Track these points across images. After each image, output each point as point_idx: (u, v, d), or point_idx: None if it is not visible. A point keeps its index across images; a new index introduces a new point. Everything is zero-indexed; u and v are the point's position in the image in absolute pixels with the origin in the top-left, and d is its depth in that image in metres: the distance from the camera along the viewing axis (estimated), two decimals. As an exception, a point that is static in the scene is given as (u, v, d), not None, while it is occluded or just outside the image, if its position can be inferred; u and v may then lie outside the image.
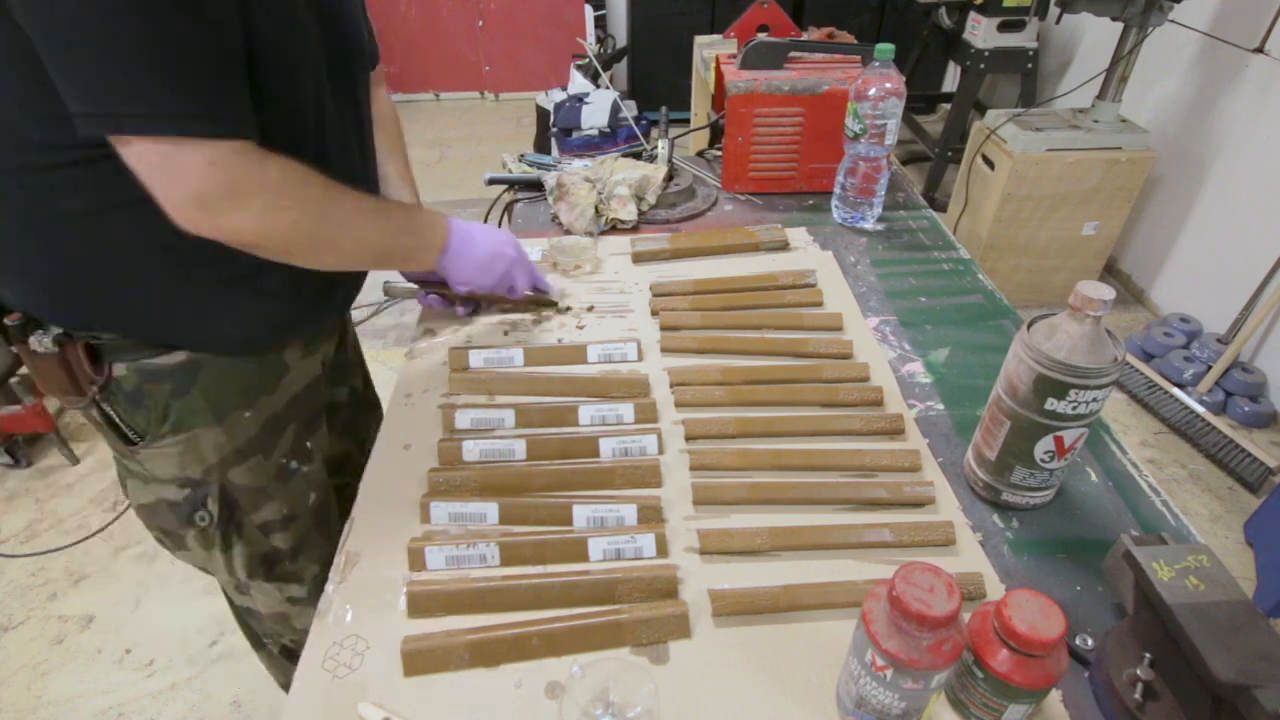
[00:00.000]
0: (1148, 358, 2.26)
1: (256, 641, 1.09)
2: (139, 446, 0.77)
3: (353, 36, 0.77)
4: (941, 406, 0.85)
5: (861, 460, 0.76)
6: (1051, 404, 0.62)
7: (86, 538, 1.74)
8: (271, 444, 0.84)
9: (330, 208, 0.68)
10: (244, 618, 1.05)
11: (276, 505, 0.87)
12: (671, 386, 0.86)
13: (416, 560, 0.66)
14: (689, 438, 0.79)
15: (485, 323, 0.97)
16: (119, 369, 0.72)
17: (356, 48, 0.78)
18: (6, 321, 0.69)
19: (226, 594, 1.01)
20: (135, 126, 0.54)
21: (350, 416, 1.06)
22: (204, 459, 0.79)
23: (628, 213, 1.16)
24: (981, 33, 2.69)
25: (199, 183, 0.58)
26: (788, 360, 0.90)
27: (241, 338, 0.77)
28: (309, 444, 0.90)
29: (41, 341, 0.69)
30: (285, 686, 1.14)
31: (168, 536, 0.86)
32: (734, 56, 1.27)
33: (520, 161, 1.34)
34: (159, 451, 0.78)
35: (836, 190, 1.20)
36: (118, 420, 0.76)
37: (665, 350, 0.92)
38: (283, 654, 1.06)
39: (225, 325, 0.74)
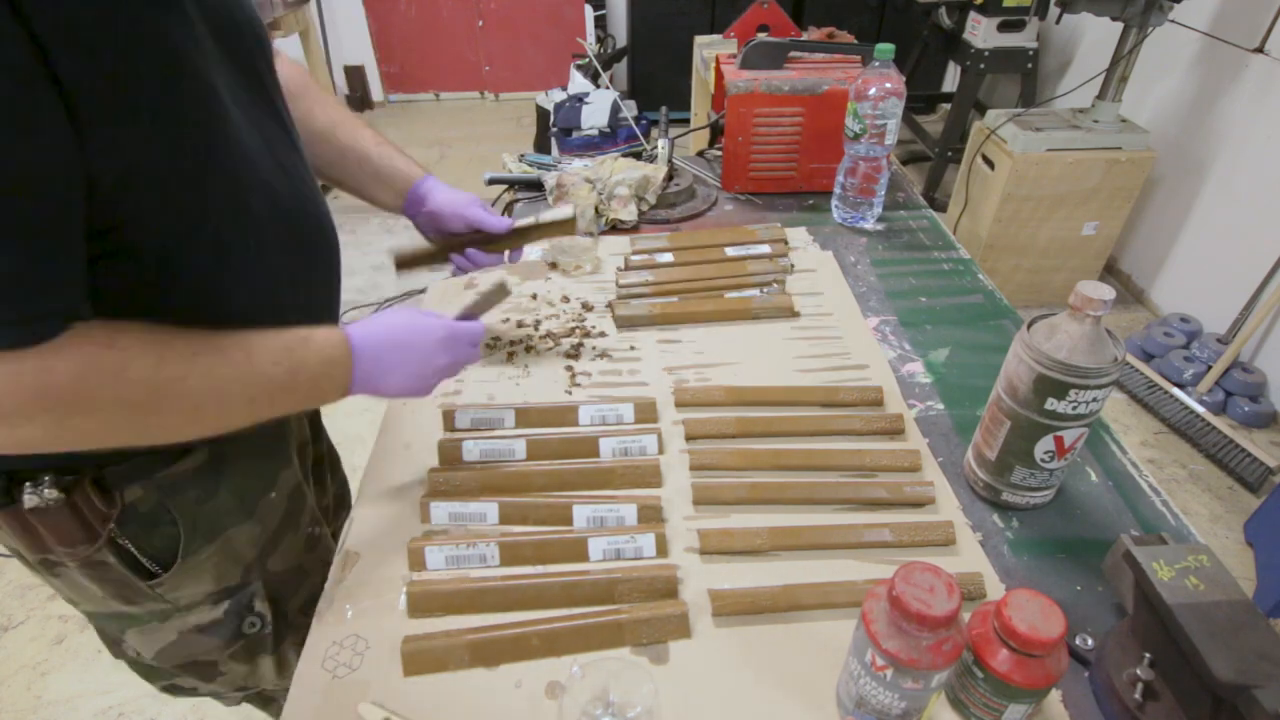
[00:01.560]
0: (1148, 358, 2.26)
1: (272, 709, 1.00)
2: (164, 575, 0.66)
3: (249, 33, 0.61)
4: (941, 406, 0.85)
5: (861, 460, 0.76)
6: (1051, 404, 0.62)
7: (86, 538, 1.74)
8: (298, 516, 0.77)
9: (166, 394, 0.51)
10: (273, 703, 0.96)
11: (312, 581, 0.79)
12: (672, 386, 0.86)
13: (416, 560, 0.66)
14: (689, 438, 0.79)
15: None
16: (133, 492, 0.61)
17: (257, 43, 0.62)
18: None
19: (253, 701, 0.91)
20: None
21: (327, 470, 0.98)
22: (242, 558, 0.71)
23: (628, 213, 1.16)
24: (981, 33, 2.69)
25: None
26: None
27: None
28: (314, 504, 0.82)
29: (42, 495, 0.57)
30: None
31: (193, 670, 0.75)
32: (734, 56, 1.27)
33: (520, 161, 1.34)
34: (189, 572, 0.68)
35: (836, 190, 1.20)
36: (138, 555, 0.64)
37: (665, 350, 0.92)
38: None
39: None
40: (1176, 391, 2.06)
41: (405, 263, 0.84)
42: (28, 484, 0.57)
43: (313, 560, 0.80)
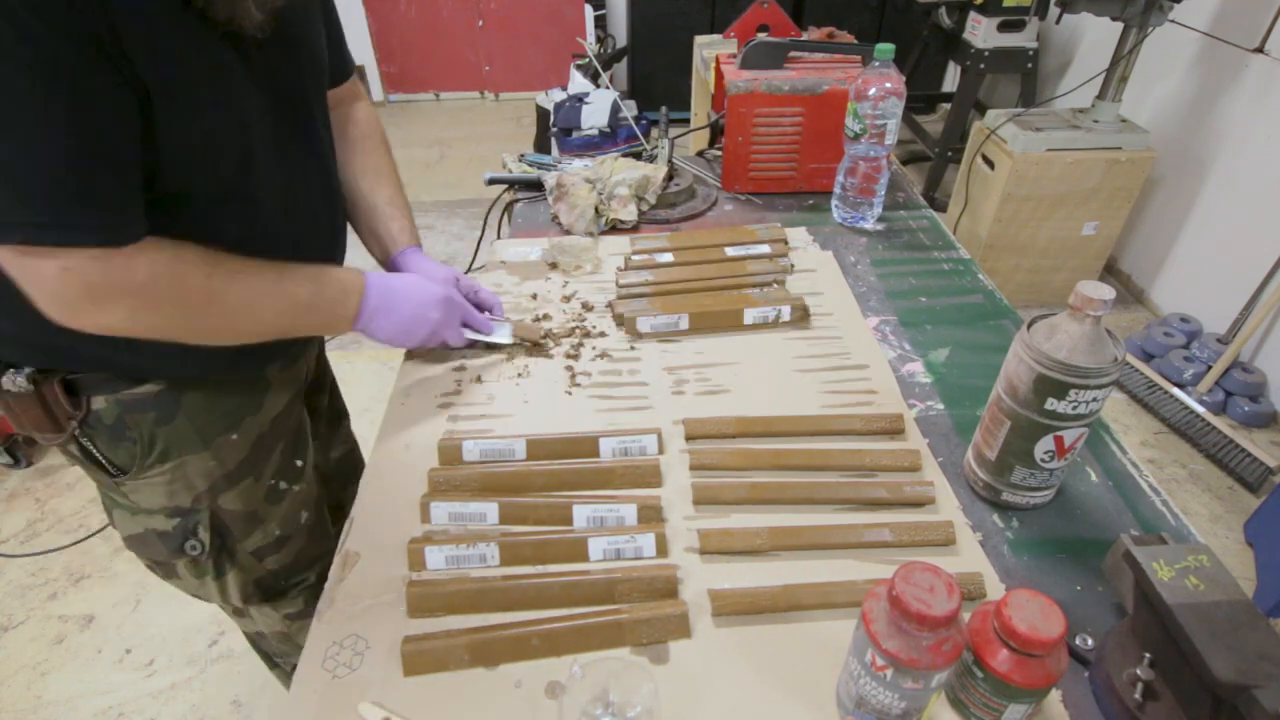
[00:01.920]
0: (1148, 358, 2.26)
1: (269, 661, 1.08)
2: (124, 479, 0.76)
3: (306, 70, 0.73)
4: (941, 406, 0.85)
5: (861, 460, 0.76)
6: (1051, 404, 0.62)
7: (86, 537, 1.74)
8: (261, 465, 0.82)
9: (213, 300, 0.65)
10: (255, 641, 1.04)
11: (269, 528, 0.85)
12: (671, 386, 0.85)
13: (416, 560, 0.66)
14: (689, 438, 0.79)
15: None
16: (98, 402, 0.71)
17: (313, 82, 0.74)
18: None
19: (233, 618, 1.00)
20: None
21: (326, 429, 1.05)
22: (193, 486, 0.78)
23: (628, 213, 1.16)
24: (981, 33, 2.69)
25: (55, 287, 0.57)
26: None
27: (224, 366, 0.75)
28: (298, 462, 0.88)
29: (15, 381, 0.67)
30: None
31: (159, 566, 0.84)
32: (734, 56, 1.27)
33: (520, 161, 1.34)
34: (146, 482, 0.76)
35: (836, 190, 1.20)
36: (99, 456, 0.74)
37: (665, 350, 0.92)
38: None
39: (204, 356, 0.71)
40: (1176, 391, 2.06)
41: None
42: (10, 370, 0.67)
43: (274, 512, 0.85)
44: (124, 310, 0.60)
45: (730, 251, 1.08)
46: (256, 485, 0.82)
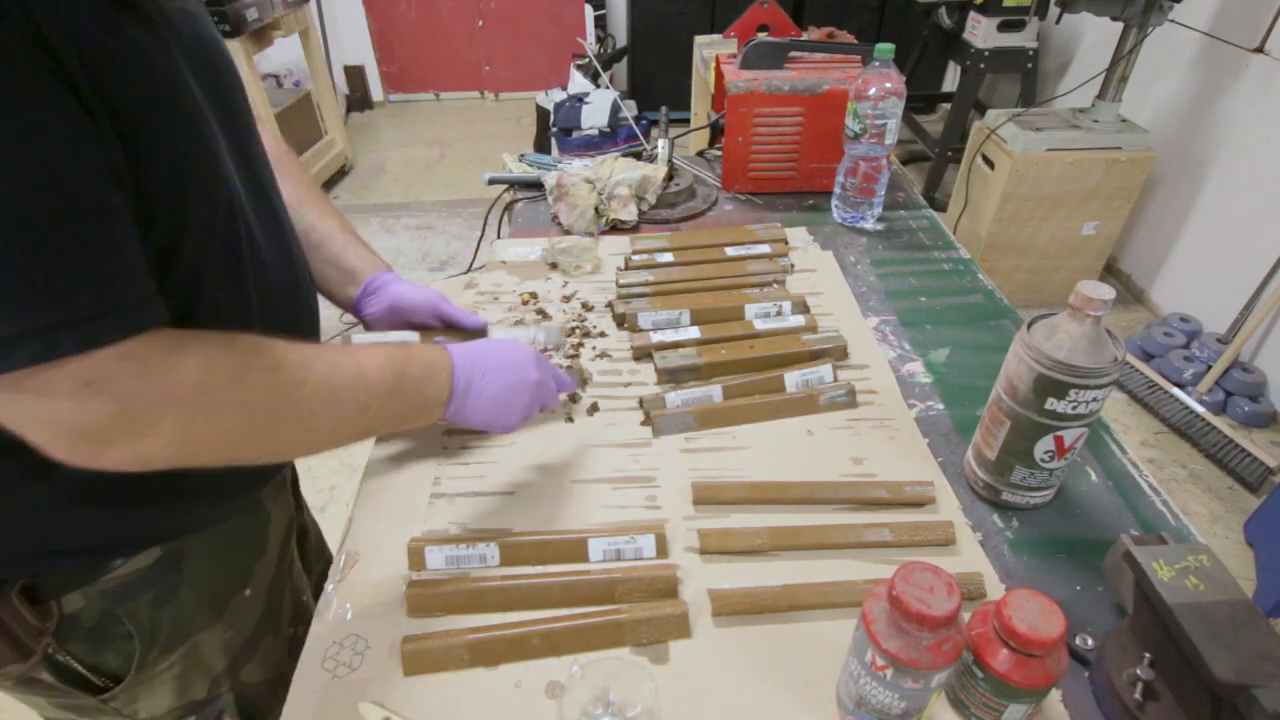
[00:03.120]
0: (1148, 358, 2.26)
1: None
2: (117, 689, 0.59)
3: (229, 72, 0.58)
4: (941, 406, 0.85)
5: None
6: (1051, 404, 0.62)
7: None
8: (278, 617, 0.69)
9: (285, 397, 0.49)
10: None
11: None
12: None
13: (416, 560, 0.66)
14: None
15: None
16: (72, 602, 0.55)
17: (240, 94, 0.59)
18: None
19: None
20: None
21: (308, 543, 0.90)
22: (210, 669, 0.64)
23: (628, 213, 1.16)
24: (981, 32, 2.69)
25: (77, 416, 0.41)
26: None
27: (226, 506, 0.62)
28: (304, 598, 0.76)
29: None
30: None
31: None
32: (734, 56, 1.27)
33: (520, 161, 1.34)
34: (149, 685, 0.61)
35: (836, 190, 1.20)
36: (81, 670, 0.57)
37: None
38: None
39: (204, 502, 0.59)
40: (1176, 391, 2.06)
41: None
42: None
43: (294, 663, 0.66)
44: (173, 427, 0.44)
45: (730, 251, 1.08)
46: (277, 641, 0.69)
